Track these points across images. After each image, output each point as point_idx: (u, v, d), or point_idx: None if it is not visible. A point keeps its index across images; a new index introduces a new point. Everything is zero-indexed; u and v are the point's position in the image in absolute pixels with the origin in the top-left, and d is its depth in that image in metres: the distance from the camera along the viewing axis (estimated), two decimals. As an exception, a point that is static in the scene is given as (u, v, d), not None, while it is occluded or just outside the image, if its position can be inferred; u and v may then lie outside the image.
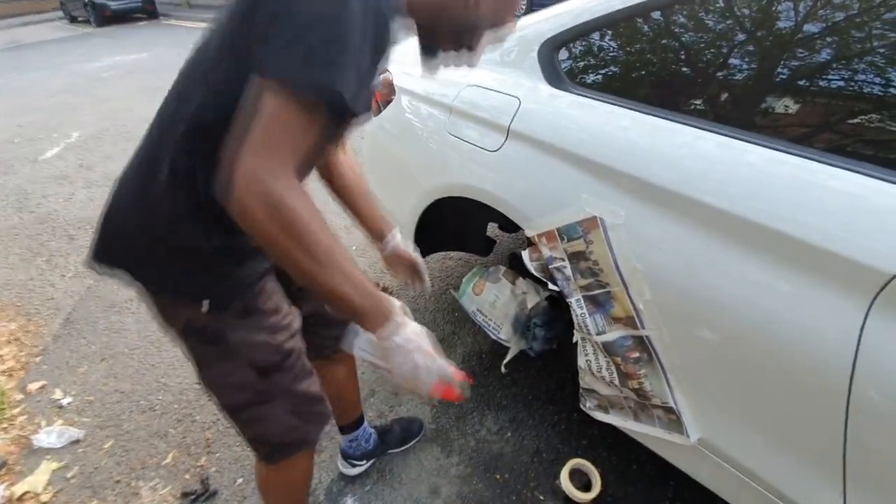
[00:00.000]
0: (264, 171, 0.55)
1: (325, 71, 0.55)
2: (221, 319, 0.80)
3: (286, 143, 0.57)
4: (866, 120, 0.91)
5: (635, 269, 0.99)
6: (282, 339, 0.87)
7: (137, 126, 4.58)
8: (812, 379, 0.80)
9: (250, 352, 0.84)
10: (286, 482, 1.05)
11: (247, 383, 0.87)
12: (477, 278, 1.58)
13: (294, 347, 0.91)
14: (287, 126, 0.56)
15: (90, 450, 1.55)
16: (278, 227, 0.56)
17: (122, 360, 1.88)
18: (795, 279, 0.81)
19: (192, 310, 0.79)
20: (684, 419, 1.03)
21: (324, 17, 0.54)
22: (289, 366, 0.89)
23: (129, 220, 0.77)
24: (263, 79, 0.56)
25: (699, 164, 0.94)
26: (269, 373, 0.87)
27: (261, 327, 0.84)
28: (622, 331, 1.06)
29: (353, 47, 0.56)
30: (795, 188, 0.83)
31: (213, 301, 0.78)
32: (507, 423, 1.63)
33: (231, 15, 0.64)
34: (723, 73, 1.08)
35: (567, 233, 1.10)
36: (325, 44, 0.54)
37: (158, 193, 0.73)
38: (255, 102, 0.56)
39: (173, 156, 0.71)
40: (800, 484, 0.87)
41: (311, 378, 0.96)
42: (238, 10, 0.63)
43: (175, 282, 0.79)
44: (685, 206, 0.93)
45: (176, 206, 0.73)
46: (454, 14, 0.77)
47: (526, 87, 1.29)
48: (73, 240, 2.77)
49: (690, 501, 1.39)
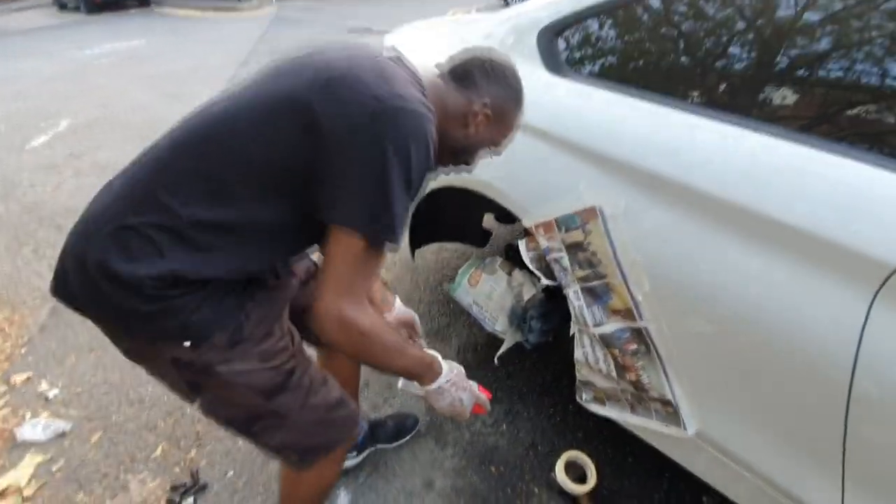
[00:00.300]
0: (347, 306, 0.73)
1: (391, 228, 0.71)
2: (207, 353, 0.78)
3: (358, 277, 0.74)
4: (872, 108, 0.89)
5: (634, 261, 0.98)
6: (278, 362, 0.85)
7: (129, 115, 4.51)
8: (813, 372, 0.79)
9: (247, 379, 0.82)
10: (314, 485, 1.03)
11: (252, 405, 0.85)
12: (473, 270, 1.56)
13: (296, 366, 0.88)
14: (360, 264, 0.73)
15: (77, 442, 1.52)
16: (359, 344, 0.78)
17: (111, 352, 1.82)
18: (797, 270, 0.79)
19: (175, 348, 0.77)
20: (681, 412, 1.02)
21: (392, 183, 0.68)
22: (294, 385, 0.87)
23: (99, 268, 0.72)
24: (341, 228, 0.71)
25: (700, 152, 0.92)
26: (275, 394, 0.85)
27: (250, 355, 0.81)
28: (620, 323, 1.04)
29: (407, 204, 0.73)
30: (798, 177, 0.82)
31: (193, 338, 0.76)
32: (502, 416, 1.62)
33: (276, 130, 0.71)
34: (723, 61, 1.06)
35: (565, 223, 1.08)
36: (391, 205, 0.70)
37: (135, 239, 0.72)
38: (334, 247, 0.72)
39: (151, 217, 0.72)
40: (798, 477, 0.86)
41: (326, 387, 0.94)
42: (288, 138, 0.71)
43: (151, 324, 0.74)
44: (685, 196, 0.91)
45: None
46: (454, 138, 0.86)
47: (524, 73, 1.25)
48: (60, 229, 2.72)
49: (685, 493, 1.38)
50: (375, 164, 0.68)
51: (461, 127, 0.86)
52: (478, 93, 0.85)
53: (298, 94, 0.70)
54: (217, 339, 0.77)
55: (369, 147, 0.68)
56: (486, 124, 0.87)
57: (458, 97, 0.85)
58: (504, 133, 0.92)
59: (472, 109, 0.84)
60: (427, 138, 0.71)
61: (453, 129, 0.85)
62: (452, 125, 0.85)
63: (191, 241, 0.72)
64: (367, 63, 0.73)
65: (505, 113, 0.89)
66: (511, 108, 0.90)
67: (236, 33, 8.15)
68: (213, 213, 0.72)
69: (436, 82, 0.85)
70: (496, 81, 0.86)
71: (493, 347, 1.53)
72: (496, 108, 0.86)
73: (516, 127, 0.92)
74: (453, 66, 0.88)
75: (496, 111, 0.86)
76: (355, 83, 0.69)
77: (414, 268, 2.34)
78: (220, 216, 0.73)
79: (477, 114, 0.85)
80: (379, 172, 0.68)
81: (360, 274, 0.74)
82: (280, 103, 0.71)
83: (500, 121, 0.89)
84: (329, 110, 0.68)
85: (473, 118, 0.85)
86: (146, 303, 0.72)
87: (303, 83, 0.71)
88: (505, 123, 0.90)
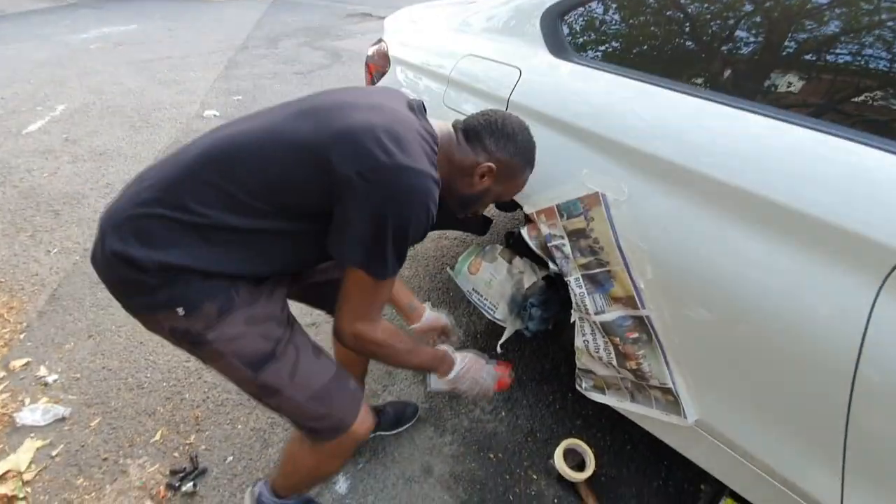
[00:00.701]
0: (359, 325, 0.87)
1: (395, 265, 0.82)
2: (198, 321, 0.83)
3: (365, 302, 0.86)
4: (882, 92, 0.87)
5: (637, 248, 0.96)
6: (264, 329, 0.88)
7: (125, 100, 4.46)
8: (817, 361, 0.78)
9: (233, 346, 0.86)
10: (312, 469, 1.06)
11: (244, 379, 0.90)
12: (473, 257, 1.55)
13: (282, 336, 0.90)
14: (367, 293, 0.85)
15: (76, 428, 1.52)
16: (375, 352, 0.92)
17: (110, 337, 1.84)
18: (803, 258, 0.78)
19: (170, 316, 0.82)
20: (682, 400, 1.01)
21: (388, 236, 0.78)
22: (281, 353, 0.89)
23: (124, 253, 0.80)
24: (353, 267, 0.82)
25: (705, 136, 0.91)
26: (263, 365, 0.88)
27: (237, 321, 0.85)
28: (621, 310, 1.03)
29: (402, 250, 0.82)
30: (806, 162, 0.80)
31: (185, 306, 0.82)
32: (501, 403, 1.62)
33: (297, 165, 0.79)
34: (730, 44, 1.04)
35: (567, 209, 1.06)
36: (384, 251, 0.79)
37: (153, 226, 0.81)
38: (346, 276, 0.85)
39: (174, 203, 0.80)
40: (797, 466, 0.86)
41: (321, 359, 0.95)
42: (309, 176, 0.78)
43: (151, 294, 0.82)
44: (690, 181, 0.90)
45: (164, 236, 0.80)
46: (461, 190, 0.95)
47: (527, 56, 1.23)
48: (58, 215, 2.70)
49: (684, 481, 1.39)
50: (376, 218, 0.77)
51: (468, 180, 0.93)
52: (485, 151, 0.92)
53: (321, 142, 0.77)
54: (207, 308, 0.82)
55: (373, 201, 0.76)
56: (492, 180, 0.94)
57: (467, 153, 0.92)
58: (512, 189, 1.00)
59: (478, 166, 0.92)
60: (427, 199, 0.78)
61: (461, 183, 0.94)
62: (460, 178, 0.93)
63: (205, 237, 0.80)
64: (384, 121, 0.79)
65: (512, 170, 0.95)
66: (518, 167, 0.96)
67: (233, 17, 8.02)
68: (229, 219, 0.80)
69: (448, 137, 0.92)
70: (506, 141, 0.93)
71: (493, 336, 1.53)
72: (502, 166, 0.93)
73: (524, 182, 1.00)
74: (467, 124, 0.95)
75: (503, 169, 0.93)
76: (370, 142, 0.76)
77: (413, 256, 2.33)
78: (234, 222, 0.80)
79: (483, 170, 0.92)
80: (378, 224, 0.77)
81: (368, 299, 0.86)
82: (304, 147, 0.78)
83: (508, 178, 0.96)
84: (344, 163, 0.76)
85: (480, 174, 0.92)
86: (149, 278, 0.79)
87: (327, 133, 0.78)
88: (513, 180, 0.98)
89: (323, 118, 0.80)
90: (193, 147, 0.84)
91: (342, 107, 0.82)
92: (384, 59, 1.62)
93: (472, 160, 0.92)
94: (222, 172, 0.79)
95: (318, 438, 0.97)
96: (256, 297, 0.88)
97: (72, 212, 2.72)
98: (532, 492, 1.38)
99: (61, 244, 2.44)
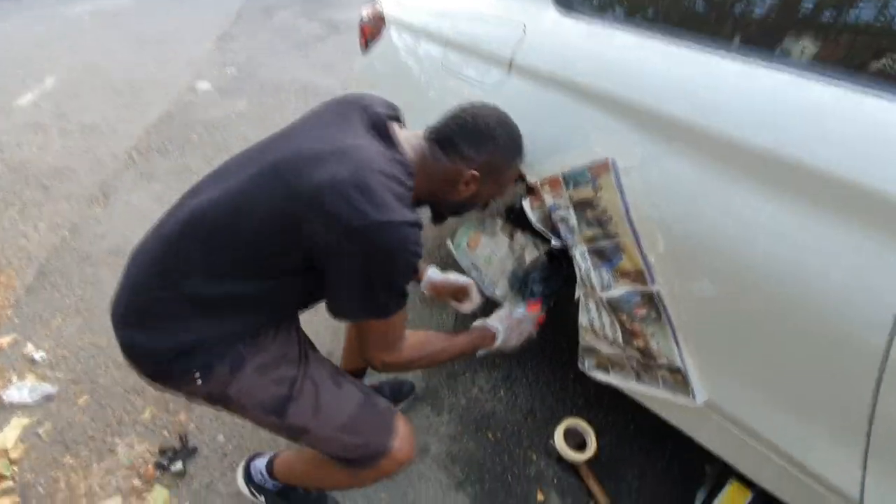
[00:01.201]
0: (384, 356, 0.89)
1: (397, 303, 0.82)
2: (215, 383, 0.85)
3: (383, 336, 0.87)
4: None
5: (648, 218, 0.89)
6: (276, 375, 0.88)
7: (117, 75, 4.33)
8: (843, 338, 0.72)
9: (253, 397, 0.87)
10: (353, 483, 1.03)
11: (273, 425, 0.91)
12: (472, 231, 1.48)
13: (297, 374, 0.90)
14: (380, 331, 0.85)
15: (64, 405, 1.48)
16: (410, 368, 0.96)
17: (98, 314, 1.79)
18: (830, 224, 0.71)
19: (188, 383, 0.84)
20: (691, 380, 0.96)
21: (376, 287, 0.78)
22: (298, 392, 0.89)
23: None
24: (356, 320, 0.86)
25: (725, 95, 0.83)
26: (284, 408, 0.88)
27: (249, 373, 0.86)
28: (629, 286, 0.97)
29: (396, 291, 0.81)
30: (837, 120, 0.73)
31: (200, 371, 0.83)
32: (499, 382, 1.57)
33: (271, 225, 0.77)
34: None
35: (573, 178, 0.99)
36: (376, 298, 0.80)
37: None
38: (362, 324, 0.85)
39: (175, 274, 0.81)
40: (816, 451, 0.81)
41: (343, 388, 0.93)
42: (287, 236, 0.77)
43: (164, 372, 0.85)
44: (709, 145, 0.82)
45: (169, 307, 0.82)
46: (449, 200, 0.93)
47: (532, 12, 1.15)
48: (47, 190, 2.63)
49: (688, 462, 1.35)
50: (362, 276, 0.76)
51: (454, 191, 0.90)
52: (464, 158, 0.87)
53: (291, 211, 0.75)
54: (219, 370, 0.84)
55: (354, 263, 0.75)
56: (479, 185, 0.90)
57: (447, 165, 0.88)
58: (505, 184, 0.96)
59: (461, 176, 0.88)
60: (407, 247, 0.76)
61: (447, 194, 0.91)
62: (445, 190, 0.90)
63: (205, 309, 0.81)
64: (349, 172, 0.74)
65: (498, 169, 0.91)
66: (503, 163, 0.92)
67: (228, -12, 7.78)
68: (223, 288, 0.80)
69: (422, 153, 0.88)
70: (484, 142, 0.87)
71: (489, 311, 1.47)
72: (486, 169, 0.89)
73: (515, 176, 0.96)
74: (438, 133, 0.89)
75: (488, 171, 0.89)
76: (340, 204, 0.72)
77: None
78: (230, 290, 0.81)
79: (467, 179, 0.88)
80: (365, 281, 0.77)
81: (382, 336, 0.86)
82: (274, 217, 0.76)
83: (496, 177, 0.92)
84: (317, 233, 0.74)
85: (465, 183, 0.89)
86: (162, 359, 0.83)
87: (294, 199, 0.75)
88: (501, 178, 0.94)
89: (288, 178, 0.76)
90: (173, 220, 0.84)
91: (305, 160, 0.77)
92: (378, 20, 1.53)
93: (453, 171, 0.88)
94: (203, 249, 0.80)
95: (360, 467, 0.94)
96: (264, 344, 0.88)
97: (61, 186, 2.65)
98: (531, 472, 1.35)
99: (50, 219, 2.38)
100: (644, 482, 1.33)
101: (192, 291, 0.80)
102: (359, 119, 0.85)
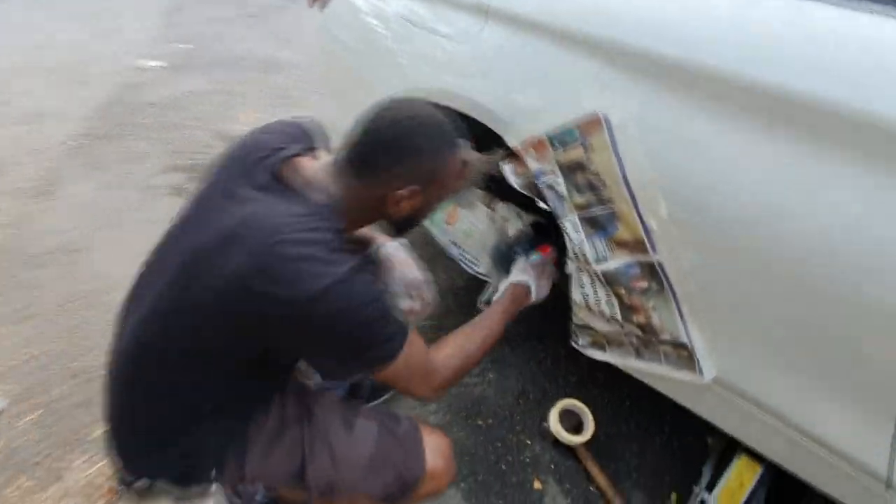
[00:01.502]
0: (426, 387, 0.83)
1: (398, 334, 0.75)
2: (231, 474, 0.83)
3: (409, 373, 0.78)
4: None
5: (649, 180, 0.79)
6: (283, 442, 0.85)
7: (62, 56, 4.00)
8: (872, 306, 0.63)
9: (271, 475, 0.84)
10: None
11: (302, 495, 0.86)
12: (449, 205, 1.36)
13: (302, 433, 0.85)
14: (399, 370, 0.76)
15: (14, 421, 1.35)
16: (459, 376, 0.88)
17: (48, 320, 1.64)
18: (860, 178, 0.62)
19: (203, 490, 0.82)
20: (698, 355, 0.87)
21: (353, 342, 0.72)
22: (309, 452, 0.84)
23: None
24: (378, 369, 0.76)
25: (727, 27, 0.72)
26: (302, 473, 0.84)
27: (258, 454, 0.84)
28: (627, 257, 0.87)
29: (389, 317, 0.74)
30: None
31: (216, 468, 0.82)
32: (488, 364, 1.49)
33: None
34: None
35: (560, 139, 0.87)
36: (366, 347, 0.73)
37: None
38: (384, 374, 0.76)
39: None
40: (840, 424, 0.74)
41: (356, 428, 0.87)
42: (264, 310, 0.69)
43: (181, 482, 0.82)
44: (717, 90, 0.71)
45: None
46: (394, 217, 0.80)
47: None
48: (-12, 185, 2.41)
49: (688, 435, 1.29)
50: (338, 341, 0.71)
51: (393, 210, 0.78)
52: (390, 177, 0.75)
53: (232, 309, 0.69)
54: (229, 461, 0.82)
55: (322, 335, 0.70)
56: (422, 195, 0.77)
57: (373, 190, 0.76)
58: (454, 183, 0.82)
59: (396, 196, 0.76)
60: (364, 293, 0.70)
61: (391, 215, 0.80)
62: (385, 213, 0.80)
63: (195, 416, 0.78)
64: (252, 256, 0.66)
65: (435, 172, 0.78)
66: (439, 166, 0.78)
67: (178, -42, 7.27)
68: (202, 392, 0.77)
69: (346, 179, 0.76)
70: (405, 154, 0.75)
71: (476, 290, 1.37)
72: (423, 178, 0.76)
73: (460, 166, 0.81)
74: (350, 159, 0.76)
75: (425, 180, 0.76)
76: (281, 284, 0.66)
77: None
78: (210, 393, 0.78)
79: (404, 196, 0.76)
80: (344, 344, 0.72)
81: (406, 371, 0.77)
82: (218, 316, 0.70)
83: (439, 181, 0.79)
84: (269, 323, 0.69)
85: (404, 200, 0.77)
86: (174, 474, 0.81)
87: (231, 292, 0.68)
88: (445, 179, 0.80)
89: (220, 267, 0.68)
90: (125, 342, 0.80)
91: (227, 240, 0.69)
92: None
93: (382, 195, 0.76)
94: (159, 374, 0.77)
95: (406, 500, 0.87)
96: (262, 418, 0.85)
97: (3, 180, 2.43)
98: (526, 459, 1.27)
99: (-11, 216, 2.18)
100: (644, 460, 1.27)
101: (176, 403, 0.78)
102: (255, 176, 0.76)
